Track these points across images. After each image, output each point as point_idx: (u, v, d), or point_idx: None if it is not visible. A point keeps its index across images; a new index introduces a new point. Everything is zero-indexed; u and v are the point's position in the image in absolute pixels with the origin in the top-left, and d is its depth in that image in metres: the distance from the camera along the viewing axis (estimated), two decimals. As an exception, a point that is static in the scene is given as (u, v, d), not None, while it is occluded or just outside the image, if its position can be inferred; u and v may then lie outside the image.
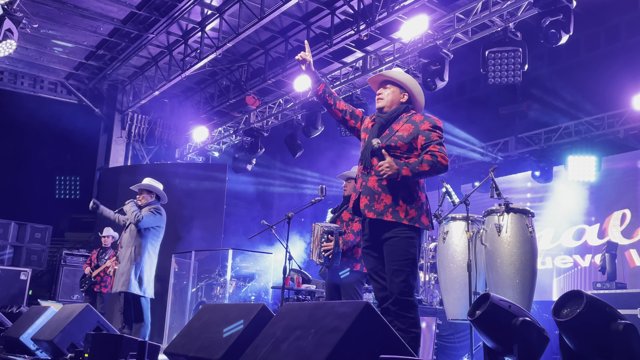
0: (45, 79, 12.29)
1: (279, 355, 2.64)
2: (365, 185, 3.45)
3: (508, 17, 7.36)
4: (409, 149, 3.41)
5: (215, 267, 9.02)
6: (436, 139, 3.38)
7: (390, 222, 3.33)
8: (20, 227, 11.39)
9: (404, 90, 3.60)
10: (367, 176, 3.46)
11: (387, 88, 3.61)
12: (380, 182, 3.37)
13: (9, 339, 5.25)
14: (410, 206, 3.35)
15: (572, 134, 9.58)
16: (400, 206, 3.33)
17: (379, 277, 3.47)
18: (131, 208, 5.98)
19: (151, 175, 6.51)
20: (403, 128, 3.46)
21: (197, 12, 9.51)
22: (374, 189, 3.40)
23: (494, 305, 2.75)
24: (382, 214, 3.34)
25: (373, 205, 3.38)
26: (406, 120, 3.50)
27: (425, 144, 3.37)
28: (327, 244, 4.66)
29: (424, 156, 3.32)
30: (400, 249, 3.32)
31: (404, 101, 3.58)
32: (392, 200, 3.34)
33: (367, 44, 9.46)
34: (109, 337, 3.83)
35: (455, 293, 5.48)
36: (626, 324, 2.59)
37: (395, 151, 3.40)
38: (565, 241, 10.05)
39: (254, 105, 10.84)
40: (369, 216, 3.39)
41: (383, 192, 3.37)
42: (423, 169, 3.29)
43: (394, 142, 3.41)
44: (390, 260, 3.35)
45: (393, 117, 3.53)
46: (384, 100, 3.58)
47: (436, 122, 3.45)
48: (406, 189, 3.37)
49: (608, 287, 6.96)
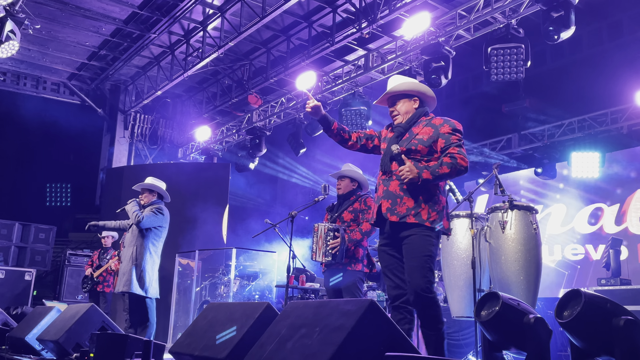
0: (48, 79, 12.31)
1: (284, 354, 2.64)
2: (387, 189, 3.49)
3: (510, 13, 7.34)
4: (429, 152, 3.45)
5: (219, 266, 9.03)
6: (455, 141, 3.42)
7: (413, 223, 3.37)
8: (25, 228, 11.42)
9: (412, 96, 3.63)
10: (388, 181, 3.50)
11: (397, 103, 3.65)
12: (402, 186, 3.41)
13: (14, 339, 5.27)
14: (432, 209, 3.40)
15: (575, 130, 9.56)
16: (422, 209, 3.38)
17: (393, 275, 3.50)
18: (132, 208, 5.98)
19: (154, 175, 6.51)
20: (423, 131, 3.49)
21: (198, 12, 9.51)
22: (396, 192, 3.44)
23: (505, 304, 2.76)
24: (405, 217, 3.39)
25: (395, 208, 3.42)
26: (426, 123, 3.53)
27: (445, 147, 3.41)
28: (334, 241, 4.67)
29: (444, 159, 3.37)
30: (419, 246, 3.35)
31: (417, 107, 3.62)
32: (415, 203, 3.38)
33: (369, 42, 9.45)
34: (114, 336, 3.84)
35: (459, 290, 5.47)
36: (627, 320, 2.59)
37: (415, 155, 3.44)
38: (578, 225, 9.60)
39: (256, 104, 10.83)
40: (392, 219, 3.43)
41: (405, 195, 3.41)
42: (443, 171, 3.34)
43: (414, 145, 3.45)
44: (409, 257, 3.38)
45: (411, 123, 3.57)
46: (400, 115, 3.63)
47: (456, 126, 3.49)
48: (427, 192, 3.41)
49: (612, 284, 6.95)
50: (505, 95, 9.85)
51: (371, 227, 4.82)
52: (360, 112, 9.46)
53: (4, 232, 11.11)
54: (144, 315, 5.96)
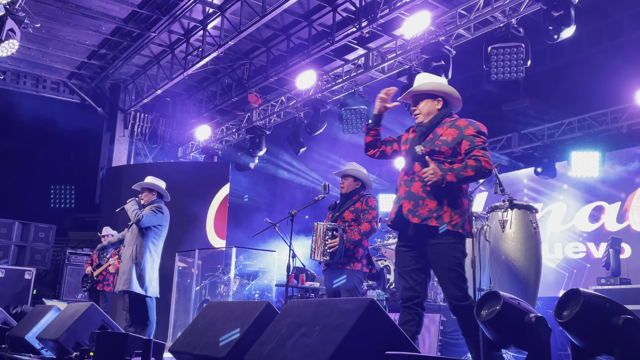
0: (48, 78, 12.31)
1: (284, 353, 2.64)
2: (409, 190, 3.45)
3: (510, 12, 7.34)
4: (452, 154, 3.42)
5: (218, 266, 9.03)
6: (480, 144, 3.38)
7: (434, 227, 3.34)
8: (24, 227, 11.42)
9: (436, 96, 3.59)
10: (411, 182, 3.46)
11: (420, 103, 3.61)
12: (425, 187, 3.37)
13: (14, 338, 5.26)
14: (454, 212, 3.36)
15: (575, 129, 9.55)
16: (444, 211, 3.34)
17: (408, 277, 3.47)
18: (132, 207, 5.97)
19: (154, 174, 6.51)
20: (447, 133, 3.45)
21: (198, 11, 9.51)
22: (418, 194, 3.41)
23: (506, 304, 2.76)
24: (427, 219, 3.35)
25: (417, 210, 3.38)
26: (450, 124, 3.49)
27: (469, 149, 3.37)
28: (333, 241, 4.67)
29: (468, 161, 3.33)
30: (446, 255, 3.33)
31: (440, 107, 3.58)
32: (437, 205, 3.35)
33: (369, 41, 9.45)
34: (114, 335, 3.84)
35: (459, 290, 5.47)
36: (626, 319, 2.60)
37: (439, 156, 3.40)
38: (579, 222, 9.52)
39: (256, 103, 10.84)
40: (413, 221, 3.39)
41: (427, 197, 3.37)
42: (467, 174, 3.30)
43: (438, 146, 3.42)
44: (439, 268, 3.37)
45: (434, 124, 3.53)
46: (421, 114, 3.59)
47: (481, 128, 3.45)
48: (450, 195, 3.38)
49: (612, 283, 6.96)
50: (505, 94, 9.85)
51: (370, 228, 4.81)
52: (360, 112, 9.46)
53: (3, 231, 11.11)
54: (144, 314, 5.96)
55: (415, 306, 3.43)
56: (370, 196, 4.98)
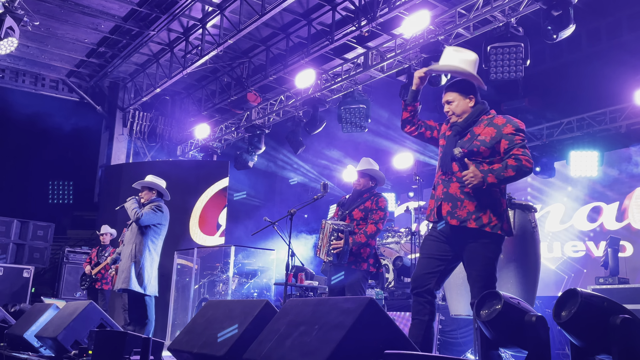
0: (47, 76, 12.30)
1: (283, 351, 2.64)
2: (447, 191, 3.43)
3: (510, 12, 7.34)
4: (491, 154, 3.38)
5: (217, 264, 9.03)
6: (519, 142, 3.33)
7: (473, 228, 3.32)
8: (23, 225, 11.41)
9: (467, 94, 3.53)
10: (449, 182, 3.44)
11: (450, 102, 3.56)
12: (463, 188, 3.35)
13: (13, 337, 5.27)
14: (493, 213, 3.34)
15: (574, 129, 9.56)
16: (484, 213, 3.32)
17: (427, 265, 3.44)
18: (131, 205, 5.97)
19: (153, 172, 6.51)
20: (485, 132, 3.41)
21: (197, 9, 9.50)
22: (457, 195, 3.39)
23: (507, 304, 2.76)
24: (465, 221, 3.33)
25: (456, 212, 3.37)
26: (488, 122, 3.45)
27: (509, 148, 3.33)
28: (337, 242, 4.64)
29: (508, 161, 3.29)
30: (479, 256, 3.34)
31: (473, 105, 3.53)
32: (476, 207, 3.33)
33: (369, 40, 9.45)
34: (112, 334, 3.84)
35: (457, 289, 5.48)
36: (624, 318, 2.60)
37: (477, 157, 3.37)
38: (578, 222, 9.52)
39: (255, 102, 10.83)
40: (452, 223, 3.37)
41: (466, 198, 3.36)
42: (508, 174, 3.26)
43: (477, 147, 3.39)
44: (471, 266, 3.38)
45: (470, 122, 3.49)
46: (455, 114, 3.55)
47: (519, 125, 3.41)
48: (489, 196, 3.35)
49: (610, 282, 6.97)
50: (504, 94, 9.83)
51: (376, 230, 4.79)
52: (359, 110, 9.46)
53: (2, 229, 11.11)
54: (142, 313, 5.96)
55: (425, 293, 3.40)
56: (381, 196, 4.93)
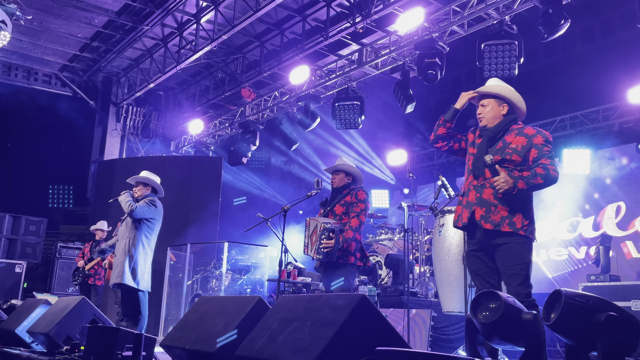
0: (40, 71, 12.23)
1: (275, 348, 2.64)
2: (480, 197, 3.55)
3: (504, 9, 7.35)
4: (522, 162, 3.52)
5: (210, 260, 9.02)
6: (547, 152, 3.52)
7: (507, 232, 3.43)
8: (15, 220, 11.36)
9: (502, 101, 3.68)
10: (481, 188, 3.56)
11: (485, 105, 3.70)
12: (496, 194, 3.46)
13: (5, 332, 5.25)
14: (525, 217, 3.48)
15: (567, 127, 9.60)
16: (516, 217, 3.45)
17: (483, 280, 3.56)
18: (125, 199, 5.95)
19: (147, 167, 6.49)
20: (516, 141, 3.56)
21: (192, 4, 9.47)
22: (490, 200, 3.51)
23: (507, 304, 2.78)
24: (499, 225, 3.45)
25: (489, 216, 3.49)
26: (518, 132, 3.60)
27: (537, 157, 3.50)
28: (328, 242, 4.66)
29: (537, 170, 3.46)
30: (515, 254, 3.43)
31: (505, 113, 3.67)
32: (509, 211, 3.46)
33: (363, 37, 9.44)
34: (105, 329, 3.82)
35: (450, 285, 5.51)
36: (608, 315, 2.63)
37: (509, 164, 3.51)
38: (560, 234, 9.94)
39: (249, 97, 10.81)
40: (486, 227, 3.48)
41: (499, 203, 3.48)
42: (537, 182, 3.44)
43: (509, 154, 3.53)
44: (506, 265, 3.45)
45: (500, 129, 3.63)
46: (485, 118, 3.68)
47: (548, 137, 3.59)
48: (521, 201, 3.49)
49: (602, 280, 7.01)
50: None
51: (359, 223, 4.84)
52: (353, 107, 9.46)
53: (-6, 224, 11.06)
54: (135, 308, 5.95)
55: None
56: (360, 189, 5.01)
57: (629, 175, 9.25)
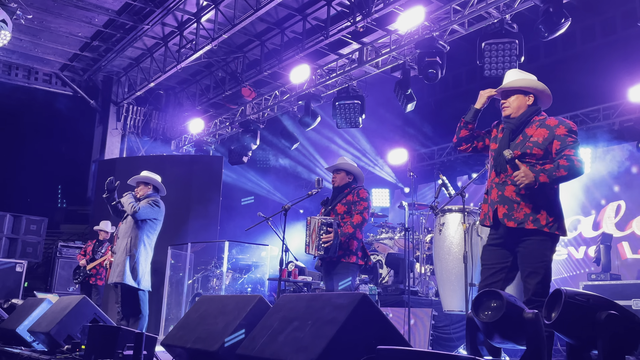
0: (40, 70, 12.23)
1: (276, 347, 2.65)
2: (502, 194, 3.44)
3: (504, 8, 7.34)
4: (544, 155, 3.39)
5: (211, 259, 9.02)
6: (571, 143, 3.36)
7: (531, 229, 3.33)
8: (16, 219, 11.36)
9: (528, 92, 3.56)
10: (503, 185, 3.45)
11: (510, 96, 3.58)
12: (519, 191, 3.35)
13: (5, 331, 5.25)
14: (550, 214, 3.35)
15: (568, 126, 9.59)
16: (540, 214, 3.34)
17: (491, 274, 3.45)
18: (128, 200, 5.96)
19: (147, 167, 6.49)
20: (537, 133, 3.43)
21: (192, 3, 9.46)
22: (512, 198, 3.40)
23: (510, 304, 2.78)
24: (523, 223, 3.34)
25: (512, 214, 3.38)
26: (539, 124, 3.47)
27: (561, 149, 3.35)
28: (327, 236, 4.67)
29: (560, 161, 3.31)
30: (535, 252, 3.33)
31: (531, 103, 3.55)
32: (532, 208, 3.34)
33: (364, 36, 9.43)
34: (105, 328, 3.83)
35: (451, 284, 5.51)
36: (609, 314, 2.63)
37: (530, 159, 3.38)
38: None
39: (249, 97, 10.81)
40: (509, 225, 3.38)
41: (522, 200, 3.36)
42: (560, 174, 3.29)
43: (529, 148, 3.40)
44: (526, 262, 3.35)
45: (523, 121, 3.50)
46: (510, 107, 3.56)
47: (571, 127, 3.43)
48: (545, 197, 3.36)
49: (602, 279, 7.01)
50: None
51: (362, 220, 4.84)
52: (354, 106, 9.46)
53: (-5, 223, 11.07)
54: (136, 307, 5.95)
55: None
56: (361, 188, 5.01)
57: (629, 174, 9.25)
